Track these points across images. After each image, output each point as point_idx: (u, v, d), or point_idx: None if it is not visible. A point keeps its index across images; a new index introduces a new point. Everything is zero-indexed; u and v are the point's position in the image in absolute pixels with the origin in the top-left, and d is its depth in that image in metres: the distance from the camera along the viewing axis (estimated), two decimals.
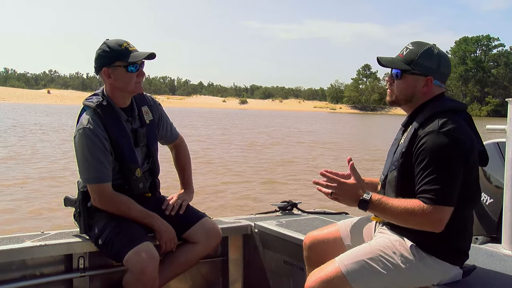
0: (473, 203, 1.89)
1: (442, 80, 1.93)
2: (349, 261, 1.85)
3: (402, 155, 1.85)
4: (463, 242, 1.91)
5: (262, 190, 9.22)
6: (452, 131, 1.75)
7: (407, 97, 1.94)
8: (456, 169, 1.74)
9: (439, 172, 1.73)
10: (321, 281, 1.85)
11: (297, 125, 37.41)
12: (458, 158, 1.75)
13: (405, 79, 1.93)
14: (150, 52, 2.31)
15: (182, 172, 2.71)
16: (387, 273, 1.82)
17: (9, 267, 2.24)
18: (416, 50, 1.91)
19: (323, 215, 3.14)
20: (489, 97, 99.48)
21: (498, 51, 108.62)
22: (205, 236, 2.46)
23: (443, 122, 1.77)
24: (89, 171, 2.28)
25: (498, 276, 2.03)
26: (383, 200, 1.83)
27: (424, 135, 1.78)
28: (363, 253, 1.88)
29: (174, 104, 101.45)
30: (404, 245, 1.86)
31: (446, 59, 1.93)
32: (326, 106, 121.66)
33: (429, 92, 1.91)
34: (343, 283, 1.82)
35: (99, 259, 2.44)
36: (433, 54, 1.89)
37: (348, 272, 1.82)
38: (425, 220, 1.74)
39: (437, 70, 1.90)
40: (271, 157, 14.91)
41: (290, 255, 2.64)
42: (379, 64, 2.00)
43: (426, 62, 1.89)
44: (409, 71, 1.91)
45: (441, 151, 1.74)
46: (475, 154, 1.84)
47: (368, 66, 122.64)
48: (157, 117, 2.54)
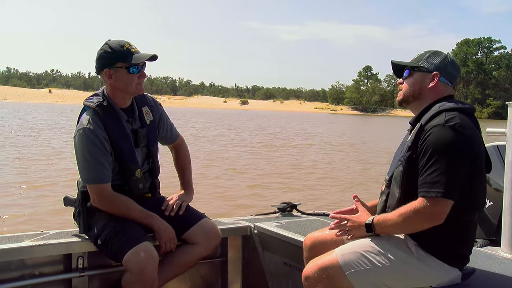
0: (479, 207, 1.89)
1: (449, 79, 1.96)
2: (346, 252, 1.88)
3: (408, 149, 1.86)
4: (465, 247, 1.91)
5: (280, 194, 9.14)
6: (458, 126, 1.76)
7: (414, 93, 1.98)
8: (459, 163, 1.74)
9: (442, 165, 1.73)
10: (318, 268, 1.89)
11: (304, 127, 37.20)
12: (461, 153, 1.75)
13: (413, 76, 1.99)
14: (152, 54, 2.31)
15: (182, 172, 2.71)
16: (383, 267, 1.83)
17: (8, 266, 2.24)
18: (426, 52, 2.02)
19: (322, 216, 3.14)
20: (490, 99, 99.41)
21: (499, 53, 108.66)
22: (204, 237, 2.46)
23: (450, 117, 1.79)
24: (88, 171, 2.28)
25: (498, 279, 2.03)
26: (382, 218, 1.87)
27: (429, 129, 1.79)
28: (362, 245, 1.89)
29: (175, 104, 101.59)
30: (405, 242, 1.87)
31: (454, 62, 2.01)
32: (327, 107, 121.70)
33: (436, 90, 1.94)
34: (338, 273, 1.85)
35: (98, 259, 2.44)
36: (441, 55, 1.99)
37: (344, 262, 1.85)
38: (426, 214, 1.74)
39: (443, 68, 1.95)
40: (296, 160, 14.80)
41: (289, 256, 2.64)
42: (393, 67, 2.11)
43: (434, 60, 1.97)
44: (417, 67, 1.98)
45: (445, 144, 1.74)
46: (482, 155, 1.84)
47: (369, 67, 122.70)
48: (157, 118, 2.54)
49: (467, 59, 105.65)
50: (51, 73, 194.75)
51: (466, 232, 1.89)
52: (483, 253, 2.42)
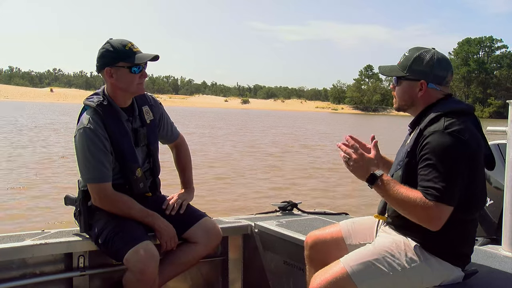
0: (478, 206, 1.89)
1: (437, 83, 1.92)
2: (354, 262, 1.85)
3: (407, 154, 1.86)
4: (467, 245, 1.91)
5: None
6: (457, 132, 1.75)
7: (406, 102, 1.98)
8: (459, 170, 1.74)
9: (442, 171, 1.73)
10: (327, 282, 1.84)
11: (311, 127, 36.89)
12: (461, 159, 1.75)
13: (402, 85, 1.98)
14: (155, 55, 2.32)
15: (182, 171, 2.71)
16: (393, 274, 1.82)
17: (9, 265, 2.24)
18: (410, 56, 1.95)
19: (323, 215, 3.14)
20: (492, 99, 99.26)
21: (501, 52, 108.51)
22: (205, 236, 2.46)
23: (449, 123, 1.78)
24: (89, 170, 2.28)
25: (498, 277, 2.03)
26: (390, 182, 1.82)
27: (429, 135, 1.79)
28: (369, 254, 1.88)
29: (176, 104, 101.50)
30: (409, 245, 1.87)
31: (441, 61, 1.92)
32: (328, 107, 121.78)
33: (427, 96, 1.92)
34: (348, 284, 1.82)
35: (99, 258, 2.44)
36: (425, 59, 1.91)
37: (353, 273, 1.82)
38: (424, 215, 1.74)
39: (429, 73, 1.91)
40: (298, 159, 14.73)
41: (290, 255, 2.64)
42: (380, 74, 2.09)
43: (418, 66, 1.92)
44: (404, 77, 1.95)
45: (445, 151, 1.74)
46: (481, 157, 1.84)
47: (370, 66, 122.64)
48: (157, 117, 2.54)
49: (469, 58, 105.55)
50: (53, 72, 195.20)
51: (467, 231, 1.89)
52: (483, 251, 2.42)
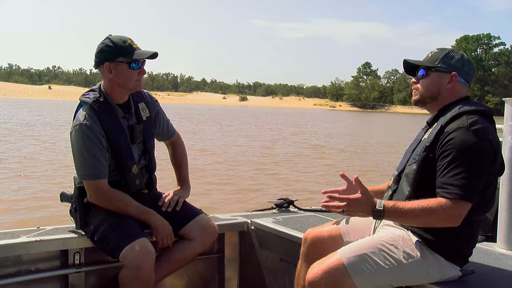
0: (487, 208, 1.89)
1: (466, 79, 1.96)
2: (351, 254, 1.85)
3: (425, 149, 1.85)
4: (468, 246, 1.92)
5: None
6: (482, 131, 1.77)
7: (432, 94, 1.98)
8: (483, 168, 1.76)
9: (466, 168, 1.73)
10: (323, 272, 1.84)
11: (316, 125, 36.54)
12: (486, 158, 1.76)
13: (430, 76, 1.97)
14: (154, 52, 2.32)
15: (178, 168, 2.71)
16: (389, 268, 1.82)
17: (4, 262, 2.24)
18: (440, 51, 2.00)
19: (319, 212, 3.14)
20: (489, 96, 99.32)
21: (499, 49, 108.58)
22: (201, 232, 2.47)
23: (472, 121, 1.79)
24: (85, 167, 2.28)
25: (494, 274, 2.04)
26: (397, 205, 1.79)
27: (452, 131, 1.79)
28: (366, 246, 1.88)
29: (174, 101, 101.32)
30: (408, 240, 1.87)
31: (470, 61, 2.00)
32: (326, 104, 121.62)
33: (454, 91, 1.94)
34: (344, 275, 1.82)
35: (95, 255, 2.44)
36: (456, 55, 1.97)
37: (349, 264, 1.82)
38: (444, 216, 1.73)
39: (461, 68, 1.94)
40: (292, 155, 14.60)
41: (286, 252, 2.65)
42: (404, 66, 2.07)
43: (451, 60, 1.95)
44: (434, 67, 1.96)
45: (471, 148, 1.74)
46: (499, 160, 1.85)
47: (368, 64, 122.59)
48: (154, 114, 2.54)
49: (466, 56, 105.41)
50: (52, 69, 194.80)
51: (471, 232, 1.90)
52: (479, 248, 2.43)
